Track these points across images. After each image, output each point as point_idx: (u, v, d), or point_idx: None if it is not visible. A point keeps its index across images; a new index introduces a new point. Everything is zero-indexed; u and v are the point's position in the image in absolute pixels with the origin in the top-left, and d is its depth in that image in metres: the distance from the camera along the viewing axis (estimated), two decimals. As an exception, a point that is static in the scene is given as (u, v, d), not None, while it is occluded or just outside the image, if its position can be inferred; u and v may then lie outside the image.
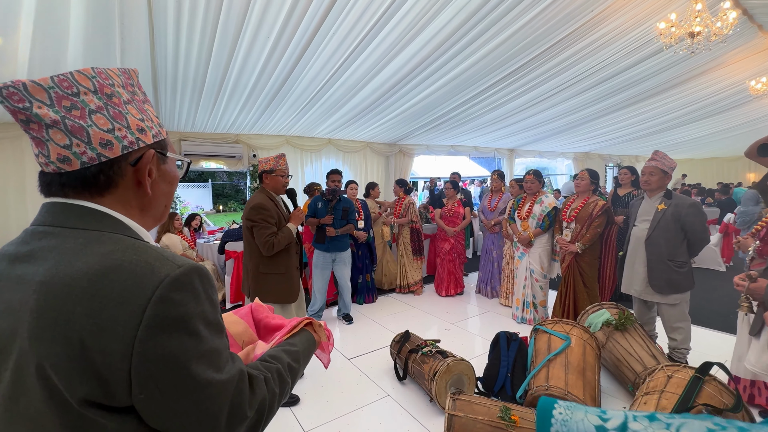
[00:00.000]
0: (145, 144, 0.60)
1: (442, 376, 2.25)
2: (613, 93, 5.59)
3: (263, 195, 2.47)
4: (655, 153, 2.66)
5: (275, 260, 2.44)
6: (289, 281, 2.49)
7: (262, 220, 2.35)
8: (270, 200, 2.44)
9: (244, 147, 5.91)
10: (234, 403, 0.54)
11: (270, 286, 2.45)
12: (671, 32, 3.43)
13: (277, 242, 2.35)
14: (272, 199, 2.46)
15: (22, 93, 0.50)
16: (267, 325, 0.88)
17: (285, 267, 2.46)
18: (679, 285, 2.53)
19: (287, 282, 2.48)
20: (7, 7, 2.51)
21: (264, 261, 2.44)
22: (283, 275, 2.45)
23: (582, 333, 2.33)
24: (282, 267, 2.45)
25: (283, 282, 2.47)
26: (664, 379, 1.82)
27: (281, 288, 2.47)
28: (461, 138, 7.53)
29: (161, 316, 0.48)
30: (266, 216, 2.35)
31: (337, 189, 3.73)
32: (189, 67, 3.59)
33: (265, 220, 2.35)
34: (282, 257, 2.45)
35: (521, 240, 3.65)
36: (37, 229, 0.54)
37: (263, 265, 2.44)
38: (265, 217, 2.35)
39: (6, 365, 0.49)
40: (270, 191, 2.51)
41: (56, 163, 0.53)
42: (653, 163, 2.61)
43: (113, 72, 0.59)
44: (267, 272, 2.45)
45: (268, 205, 2.40)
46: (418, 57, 3.82)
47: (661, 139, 9.13)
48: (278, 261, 2.44)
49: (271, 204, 2.42)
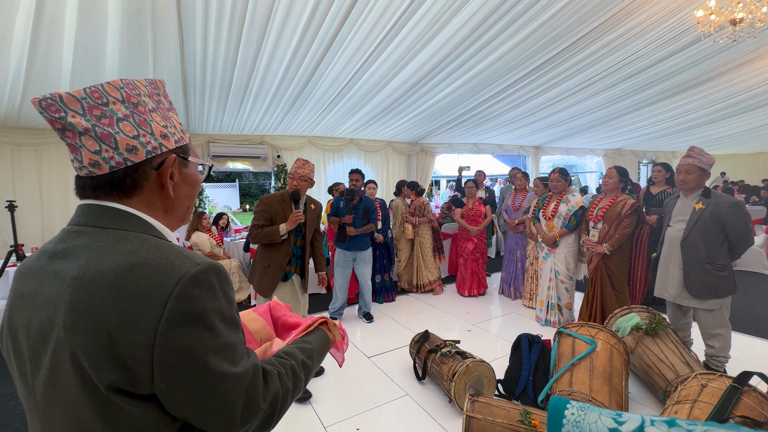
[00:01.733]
0: (168, 149, 0.64)
1: (461, 377, 2.23)
2: (647, 86, 5.31)
3: (277, 194, 2.66)
4: (691, 149, 2.50)
5: (265, 253, 2.59)
6: (268, 276, 2.58)
7: (257, 211, 2.58)
8: (280, 200, 2.60)
9: (268, 148, 6.07)
10: (249, 395, 0.56)
11: (254, 273, 2.64)
12: (710, 20, 3.23)
13: (256, 234, 2.53)
14: (284, 199, 2.60)
15: (59, 104, 0.55)
16: (284, 323, 0.90)
17: (269, 261, 2.57)
18: (718, 289, 2.38)
19: (267, 276, 2.59)
20: (52, 22, 2.69)
21: (259, 251, 2.64)
22: (266, 268, 2.57)
23: (609, 337, 2.24)
24: (266, 260, 2.58)
25: (263, 274, 2.59)
26: (697, 388, 1.72)
27: (260, 279, 2.59)
28: (484, 136, 7.40)
29: (180, 311, 0.51)
30: (261, 209, 2.57)
31: (355, 189, 3.76)
32: (216, 72, 3.72)
33: (259, 212, 2.57)
34: (271, 252, 2.57)
35: (546, 240, 3.55)
36: (73, 229, 0.59)
37: (257, 254, 2.66)
38: (260, 210, 2.57)
39: (45, 352, 0.53)
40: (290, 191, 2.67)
41: (88, 168, 0.58)
42: (690, 160, 2.46)
43: (140, 83, 0.64)
44: (256, 261, 2.64)
45: (268, 200, 2.59)
46: (440, 54, 3.78)
47: (700, 134, 8.60)
48: (266, 254, 2.59)
49: (274, 201, 2.58)
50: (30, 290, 0.57)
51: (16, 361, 0.59)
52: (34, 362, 0.55)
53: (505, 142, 8.25)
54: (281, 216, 2.55)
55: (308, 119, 5.44)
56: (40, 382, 0.54)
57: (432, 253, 4.71)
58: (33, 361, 0.55)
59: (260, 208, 2.56)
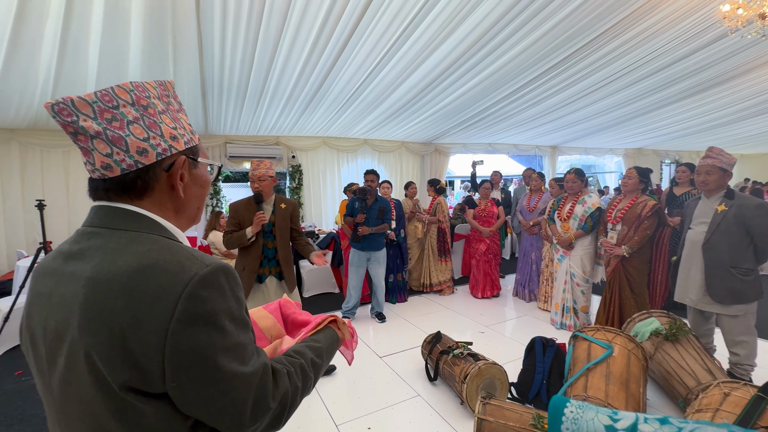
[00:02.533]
0: (177, 150, 0.64)
1: (473, 379, 2.21)
2: (669, 84, 5.14)
3: (244, 199, 2.65)
4: (710, 150, 2.42)
5: (239, 257, 2.64)
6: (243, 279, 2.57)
7: (228, 217, 2.64)
8: (246, 204, 2.59)
9: (284, 148, 6.15)
10: (258, 394, 0.57)
11: None
12: (737, 15, 3.10)
13: (225, 241, 2.59)
14: (250, 202, 2.59)
15: (71, 108, 0.56)
16: (294, 321, 0.92)
17: (242, 265, 2.60)
18: (742, 295, 2.29)
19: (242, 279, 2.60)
20: (79, 28, 2.81)
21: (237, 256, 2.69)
22: (241, 272, 2.60)
23: (626, 342, 2.19)
24: (240, 264, 2.62)
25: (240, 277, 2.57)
26: (720, 397, 1.66)
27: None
28: (499, 135, 7.31)
29: (190, 311, 0.52)
30: (230, 216, 2.62)
31: (366, 188, 3.76)
32: (233, 75, 3.80)
33: (228, 219, 2.62)
34: (243, 256, 2.61)
35: (561, 242, 3.49)
36: (87, 230, 0.61)
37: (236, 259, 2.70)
38: (230, 216, 2.62)
39: (61, 351, 0.55)
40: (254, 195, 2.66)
41: (100, 170, 0.59)
42: (709, 161, 2.38)
43: (150, 85, 0.65)
44: (235, 266, 2.68)
45: (235, 206, 2.63)
46: (455, 53, 3.76)
47: (726, 133, 8.27)
48: (240, 258, 2.63)
49: (240, 207, 2.60)
50: (46, 290, 0.59)
51: (34, 359, 0.61)
52: (51, 360, 0.57)
53: (521, 141, 8.12)
54: (248, 220, 2.54)
55: (323, 120, 5.49)
56: (56, 380, 0.56)
57: (437, 255, 4.68)
58: (49, 359, 0.57)
59: (230, 215, 2.60)
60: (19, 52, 2.95)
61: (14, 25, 2.65)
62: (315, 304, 4.43)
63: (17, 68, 3.17)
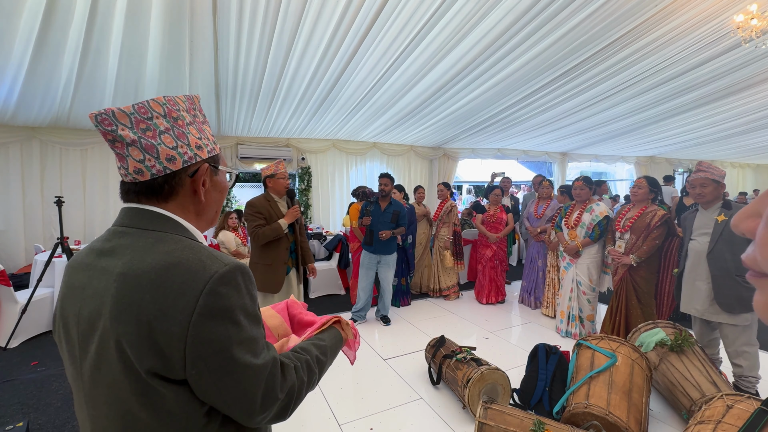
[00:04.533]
0: (201, 159, 0.71)
1: (476, 383, 2.23)
2: (682, 92, 5.10)
3: (260, 196, 2.77)
4: (699, 164, 2.50)
5: (265, 252, 2.70)
6: (274, 273, 2.71)
7: (250, 214, 2.68)
8: (265, 200, 2.72)
9: (293, 150, 6.24)
10: (268, 385, 0.62)
11: (257, 275, 2.71)
12: (751, 25, 3.08)
13: (262, 234, 2.63)
14: (268, 199, 2.74)
15: (111, 119, 0.62)
16: (300, 321, 0.96)
17: (272, 259, 2.69)
18: (750, 302, 2.28)
19: (272, 273, 2.71)
20: (101, 31, 2.91)
21: (256, 252, 2.73)
22: (269, 266, 2.69)
23: (631, 352, 2.18)
24: (269, 258, 2.69)
25: (268, 272, 2.70)
26: (722, 409, 1.66)
27: (266, 278, 2.69)
28: (509, 141, 7.30)
29: (210, 306, 0.57)
30: (253, 211, 2.68)
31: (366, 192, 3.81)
32: (247, 78, 3.89)
33: (252, 215, 2.67)
34: (271, 250, 2.69)
35: (568, 250, 3.48)
36: (118, 229, 0.66)
37: (255, 255, 2.75)
38: (253, 212, 2.68)
39: (93, 339, 0.60)
40: (271, 193, 2.79)
41: (132, 175, 0.65)
42: (701, 174, 2.45)
43: (180, 99, 0.71)
44: (256, 262, 2.73)
45: (256, 202, 2.71)
46: (466, 59, 3.79)
47: (740, 142, 8.15)
48: (267, 253, 2.69)
49: (262, 202, 2.70)
50: (80, 283, 0.65)
51: (66, 346, 0.66)
52: (83, 347, 0.62)
53: (531, 147, 8.10)
54: (273, 215, 2.68)
55: (333, 123, 5.57)
56: (87, 365, 0.61)
57: (451, 258, 4.69)
58: (81, 346, 0.62)
59: (252, 210, 2.67)
60: (45, 53, 3.07)
61: (41, 29, 2.76)
62: (321, 305, 4.47)
63: (42, 69, 3.30)
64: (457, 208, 4.90)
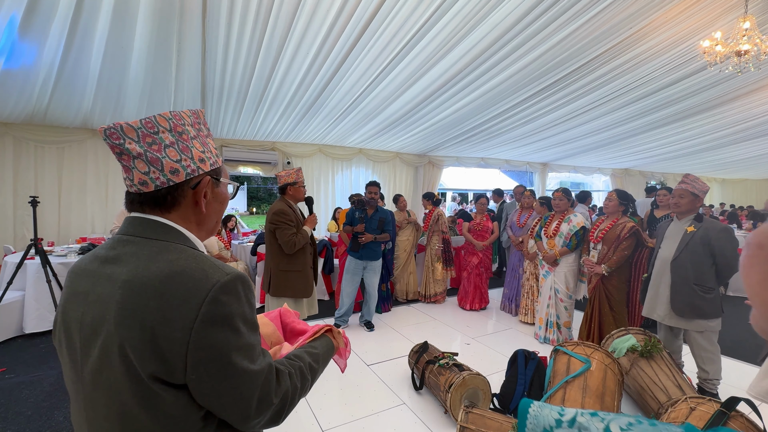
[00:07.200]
0: (204, 171, 0.74)
1: (457, 389, 2.28)
2: (656, 109, 5.38)
3: (283, 203, 2.80)
4: (685, 176, 2.62)
5: (294, 259, 2.74)
6: (305, 278, 2.79)
7: (283, 222, 2.69)
8: (289, 208, 2.78)
9: (279, 154, 6.21)
10: (263, 390, 0.65)
11: (289, 283, 2.76)
12: (716, 51, 3.30)
13: (297, 241, 2.68)
14: (290, 206, 2.80)
15: (119, 132, 0.65)
16: (293, 329, 0.99)
17: (302, 265, 2.76)
18: (702, 311, 2.44)
19: (304, 278, 2.79)
20: (86, 27, 2.85)
21: (284, 260, 2.75)
22: (300, 272, 2.75)
23: (604, 357, 2.28)
24: (299, 265, 2.75)
25: (300, 278, 2.76)
26: (686, 411, 1.77)
27: (298, 284, 2.76)
28: (492, 151, 7.49)
29: (211, 313, 0.60)
30: (286, 219, 2.70)
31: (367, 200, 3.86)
32: (234, 80, 3.87)
33: (286, 222, 2.70)
34: (300, 256, 2.75)
35: (547, 258, 3.61)
36: (122, 238, 0.69)
37: (283, 263, 2.76)
38: (286, 220, 2.70)
39: (96, 343, 0.62)
40: (289, 200, 2.83)
41: (137, 186, 0.67)
42: (683, 185, 2.58)
43: (185, 113, 0.74)
44: (287, 270, 2.76)
45: (287, 210, 2.74)
46: (453, 70, 3.90)
47: (710, 157, 8.61)
48: (296, 260, 2.75)
49: (288, 210, 2.75)
50: (83, 289, 0.66)
51: (67, 350, 0.67)
52: (84, 351, 0.64)
53: (513, 157, 8.32)
54: (299, 222, 2.77)
55: (320, 128, 5.58)
56: (88, 369, 0.63)
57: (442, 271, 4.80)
58: (83, 350, 0.64)
59: (285, 219, 2.71)
60: (24, 47, 2.98)
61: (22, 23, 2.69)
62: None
63: (21, 64, 3.19)
64: (445, 216, 4.99)
